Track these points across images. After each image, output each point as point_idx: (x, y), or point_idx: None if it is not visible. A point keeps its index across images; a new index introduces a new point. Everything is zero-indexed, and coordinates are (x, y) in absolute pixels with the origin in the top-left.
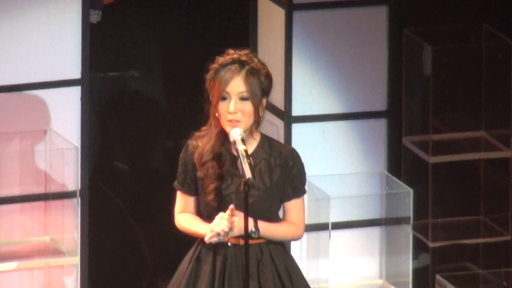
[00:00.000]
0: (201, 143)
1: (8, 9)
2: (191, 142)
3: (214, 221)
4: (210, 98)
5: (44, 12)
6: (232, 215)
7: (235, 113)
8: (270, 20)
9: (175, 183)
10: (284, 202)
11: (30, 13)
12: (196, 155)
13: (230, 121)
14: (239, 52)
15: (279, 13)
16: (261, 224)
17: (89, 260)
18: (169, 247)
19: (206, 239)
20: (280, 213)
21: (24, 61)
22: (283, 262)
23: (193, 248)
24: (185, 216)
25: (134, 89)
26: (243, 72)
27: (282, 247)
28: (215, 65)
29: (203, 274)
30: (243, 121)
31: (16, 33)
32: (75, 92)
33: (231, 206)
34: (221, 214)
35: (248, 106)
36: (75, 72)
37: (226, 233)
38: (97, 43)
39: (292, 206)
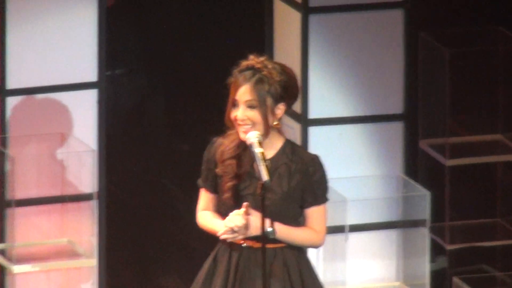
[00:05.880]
0: (226, 141)
1: (25, 13)
2: (217, 139)
3: (228, 217)
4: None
5: (60, 15)
6: (247, 212)
7: (243, 120)
8: (286, 24)
9: (199, 180)
10: (304, 208)
11: (46, 16)
12: (218, 152)
13: (241, 126)
14: (256, 59)
15: (295, 17)
16: (278, 226)
17: (106, 262)
18: (188, 249)
19: (219, 234)
20: None
21: (42, 64)
22: (298, 268)
23: (215, 248)
24: (205, 214)
25: (152, 92)
26: (253, 80)
27: (298, 252)
28: (235, 70)
29: (218, 274)
30: (254, 127)
31: (33, 37)
32: (92, 95)
33: (246, 203)
34: (236, 211)
35: (255, 114)
36: (92, 75)
37: (240, 230)
38: (117, 45)
39: (312, 213)
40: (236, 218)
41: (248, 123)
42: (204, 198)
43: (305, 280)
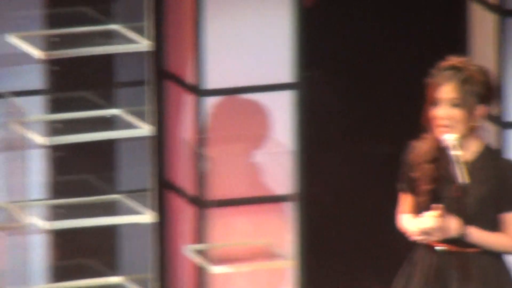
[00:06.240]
0: (422, 144)
1: (221, 13)
2: (414, 143)
3: (420, 219)
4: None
5: (257, 16)
6: (441, 215)
7: (444, 119)
8: (482, 27)
9: (398, 184)
10: (500, 214)
11: (243, 17)
12: (414, 155)
13: (440, 126)
14: (457, 59)
15: (492, 19)
16: (472, 230)
17: (305, 263)
18: (387, 251)
19: (412, 236)
20: None
21: (238, 64)
22: (495, 274)
23: (414, 250)
24: (404, 217)
25: (350, 93)
26: (456, 78)
27: (496, 258)
28: (433, 71)
29: (416, 276)
30: (453, 127)
31: (229, 37)
32: (289, 96)
33: (440, 205)
34: (429, 212)
35: (458, 113)
36: (290, 76)
37: (433, 232)
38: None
39: (508, 219)
40: (428, 220)
41: (447, 122)
42: (404, 201)
43: (503, 287)
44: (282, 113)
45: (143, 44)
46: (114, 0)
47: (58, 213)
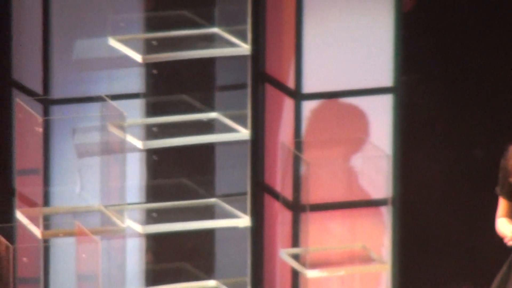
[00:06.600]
0: None
1: (321, 17)
2: (511, 147)
3: None
4: None
5: (356, 20)
6: None
7: None
8: None
9: (496, 188)
10: None
11: (342, 21)
12: (510, 161)
13: None
14: None
15: None
16: None
17: (400, 267)
18: (483, 256)
19: (506, 240)
20: None
21: (337, 68)
22: None
23: (511, 255)
24: (501, 221)
25: (447, 97)
26: None
27: None
28: None
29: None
30: None
31: (329, 40)
32: (388, 100)
33: None
34: None
35: None
36: (388, 80)
37: None
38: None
39: None
40: None
41: None
42: (502, 206)
43: None
44: (380, 117)
45: (244, 47)
46: (215, 3)
47: (155, 217)
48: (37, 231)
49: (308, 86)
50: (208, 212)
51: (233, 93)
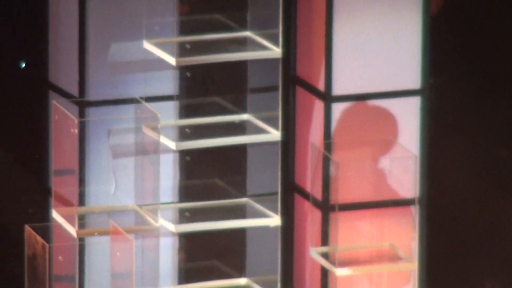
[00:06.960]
0: None
1: (351, 20)
2: None
3: None
4: None
5: (385, 22)
6: None
7: None
8: None
9: None
10: None
11: (371, 23)
12: None
13: None
14: None
15: None
16: None
17: (427, 266)
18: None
19: None
20: None
21: (366, 70)
22: None
23: None
24: None
25: (475, 99)
26: None
27: None
28: None
29: None
30: None
31: (358, 43)
32: (416, 102)
33: None
34: None
35: None
36: (416, 82)
37: None
38: (441, 52)
39: None
40: None
41: None
42: None
43: None
44: (408, 118)
45: (275, 51)
46: (247, 8)
47: (187, 216)
48: (72, 230)
49: (338, 89)
50: (240, 212)
51: (265, 95)
